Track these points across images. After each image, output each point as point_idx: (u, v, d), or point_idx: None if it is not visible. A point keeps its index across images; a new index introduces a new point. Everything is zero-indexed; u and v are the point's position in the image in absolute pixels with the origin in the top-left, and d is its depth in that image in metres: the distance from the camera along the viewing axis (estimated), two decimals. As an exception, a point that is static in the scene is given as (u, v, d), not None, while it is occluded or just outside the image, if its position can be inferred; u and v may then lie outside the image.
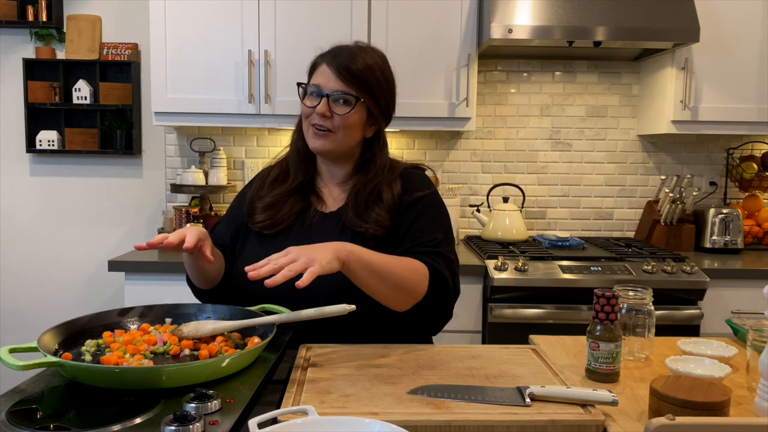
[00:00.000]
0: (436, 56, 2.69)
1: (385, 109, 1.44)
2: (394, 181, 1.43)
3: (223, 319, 1.25)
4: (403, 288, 1.26)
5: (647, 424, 0.83)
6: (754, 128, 2.78)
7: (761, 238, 2.98)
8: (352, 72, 1.37)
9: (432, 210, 1.43)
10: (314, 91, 1.38)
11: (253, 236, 1.45)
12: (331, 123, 1.37)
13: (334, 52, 1.40)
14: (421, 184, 1.46)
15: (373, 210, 1.39)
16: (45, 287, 3.14)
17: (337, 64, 1.37)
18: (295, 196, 1.45)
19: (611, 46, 2.70)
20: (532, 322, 2.39)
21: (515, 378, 1.09)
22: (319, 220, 1.43)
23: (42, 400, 0.93)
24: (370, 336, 1.33)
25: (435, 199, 1.46)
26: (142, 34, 2.99)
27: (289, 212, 1.43)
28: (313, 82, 1.39)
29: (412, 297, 1.28)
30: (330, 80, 1.37)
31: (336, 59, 1.38)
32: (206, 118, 2.72)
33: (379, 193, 1.40)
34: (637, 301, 1.24)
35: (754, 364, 1.07)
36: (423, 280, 1.29)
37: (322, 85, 1.37)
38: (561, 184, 3.13)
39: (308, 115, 1.39)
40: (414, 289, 1.28)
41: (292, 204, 1.44)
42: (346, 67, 1.37)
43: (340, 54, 1.39)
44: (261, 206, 1.45)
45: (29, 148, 3.01)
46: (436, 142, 3.10)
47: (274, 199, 1.44)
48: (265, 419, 0.84)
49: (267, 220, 1.42)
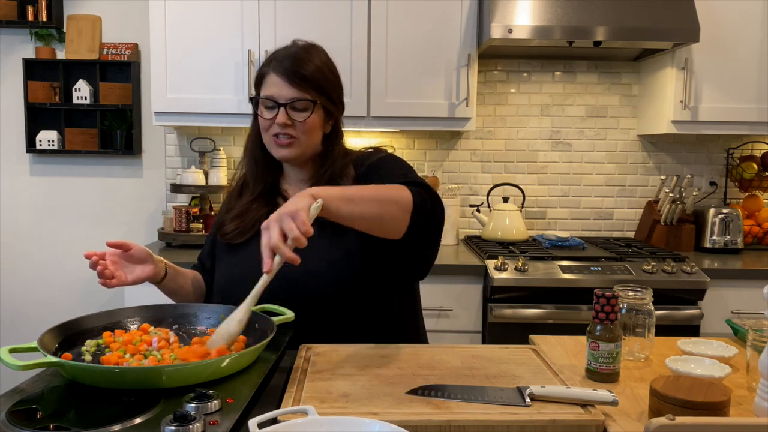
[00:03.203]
0: (436, 56, 2.69)
1: (339, 103, 1.44)
2: (347, 167, 1.41)
3: (223, 318, 1.25)
4: (390, 200, 1.18)
5: (647, 424, 0.83)
6: (754, 128, 2.78)
7: (761, 238, 2.98)
8: (302, 76, 1.35)
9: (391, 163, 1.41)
10: (269, 102, 1.36)
11: (224, 249, 1.45)
12: (293, 130, 1.36)
13: (279, 57, 1.38)
14: (375, 153, 1.45)
15: None
16: (45, 287, 3.14)
17: (285, 70, 1.35)
18: (259, 201, 1.45)
19: (611, 46, 2.70)
20: (532, 322, 2.39)
21: (515, 378, 1.09)
22: None
23: (42, 400, 0.93)
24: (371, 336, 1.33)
25: (391, 157, 1.44)
26: (142, 34, 2.99)
27: (255, 217, 1.41)
28: (266, 93, 1.37)
29: (403, 208, 1.19)
30: (283, 89, 1.35)
31: (282, 65, 1.36)
32: (206, 118, 2.72)
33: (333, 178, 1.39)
34: (637, 301, 1.24)
35: (754, 364, 1.07)
36: (402, 189, 1.21)
37: (276, 95, 1.35)
38: (561, 184, 3.13)
39: (268, 127, 1.37)
40: (399, 198, 1.19)
41: (257, 209, 1.43)
42: (296, 72, 1.35)
43: (286, 59, 1.37)
44: (229, 218, 1.45)
45: (29, 148, 3.01)
46: (436, 142, 3.10)
47: (239, 210, 1.45)
48: (265, 419, 0.84)
49: (235, 229, 1.42)
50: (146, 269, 1.33)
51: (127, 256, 1.31)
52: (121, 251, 1.30)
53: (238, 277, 1.36)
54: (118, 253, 1.30)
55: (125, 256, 1.31)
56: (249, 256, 1.36)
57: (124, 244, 1.30)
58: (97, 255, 1.26)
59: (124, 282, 1.28)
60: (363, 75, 2.66)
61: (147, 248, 1.34)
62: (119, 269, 1.29)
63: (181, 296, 1.46)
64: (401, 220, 1.20)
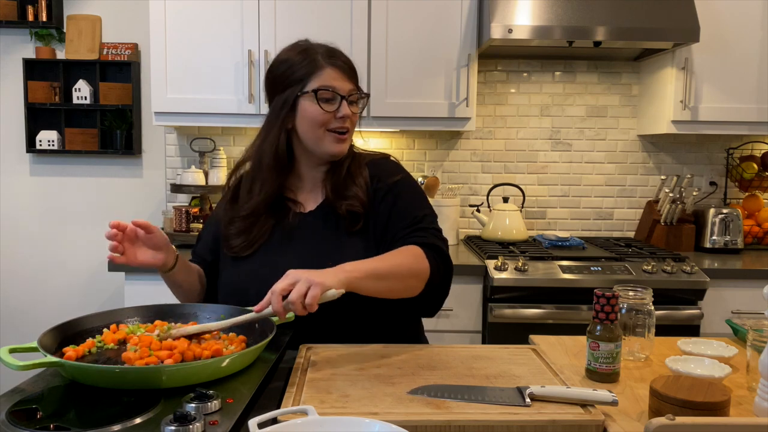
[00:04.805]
0: (436, 56, 2.69)
1: None
2: (362, 166, 1.43)
3: (223, 318, 1.25)
4: (411, 275, 1.26)
5: (647, 424, 0.83)
6: (754, 128, 2.78)
7: (761, 238, 2.98)
8: (354, 69, 1.39)
9: (408, 191, 1.42)
10: (328, 94, 1.34)
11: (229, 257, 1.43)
12: (349, 124, 1.37)
13: (329, 52, 1.38)
14: (392, 169, 1.45)
15: (350, 188, 1.38)
16: (45, 287, 3.14)
17: (341, 63, 1.37)
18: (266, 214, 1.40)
19: (611, 46, 2.70)
20: (532, 322, 2.39)
21: (515, 378, 1.09)
22: (301, 222, 1.41)
23: (42, 400, 0.93)
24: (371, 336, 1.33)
25: (409, 181, 1.46)
26: (142, 34, 2.99)
27: (262, 229, 1.40)
28: (326, 84, 1.34)
29: (421, 278, 1.28)
30: (343, 82, 1.36)
31: (338, 59, 1.37)
32: (206, 118, 2.72)
33: (352, 174, 1.40)
34: (637, 301, 1.24)
35: (754, 364, 1.07)
36: (422, 258, 1.28)
37: (339, 88, 1.35)
38: (561, 184, 3.13)
39: (326, 121, 1.35)
40: (419, 271, 1.27)
41: (264, 223, 1.40)
42: (351, 66, 1.38)
43: (334, 54, 1.38)
44: (234, 231, 1.41)
45: (29, 148, 3.01)
46: (436, 142, 3.10)
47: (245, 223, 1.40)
48: (265, 419, 0.84)
49: (242, 243, 1.40)
50: (158, 256, 1.32)
51: (146, 238, 1.30)
52: (143, 232, 1.29)
53: (243, 286, 1.36)
54: (140, 234, 1.29)
55: (144, 237, 1.30)
56: (253, 265, 1.37)
57: (148, 226, 1.29)
58: (119, 228, 1.25)
59: (132, 261, 1.27)
60: (363, 75, 2.64)
61: (167, 236, 1.33)
62: (131, 248, 1.28)
63: (185, 290, 1.43)
64: (417, 289, 1.29)
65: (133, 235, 1.28)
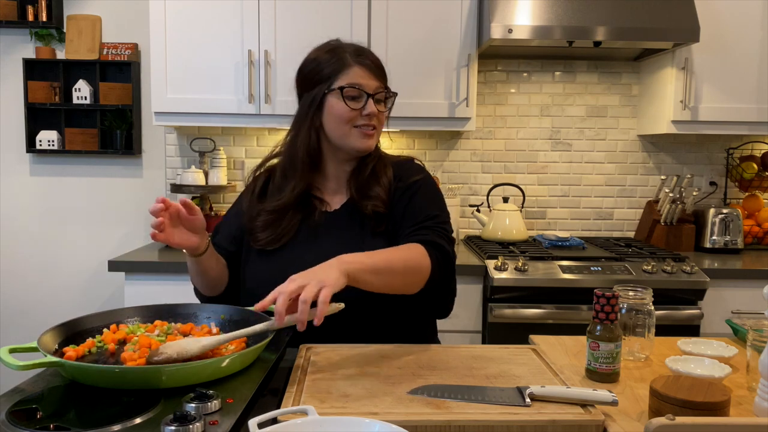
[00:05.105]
0: (436, 56, 2.69)
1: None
2: (387, 166, 1.46)
3: (223, 319, 1.25)
4: (411, 270, 1.25)
5: (647, 424, 0.83)
6: (754, 128, 2.78)
7: (761, 238, 2.98)
8: (382, 68, 1.41)
9: (425, 191, 1.44)
10: (354, 92, 1.37)
11: (254, 251, 1.43)
12: (376, 121, 1.40)
13: (357, 51, 1.40)
14: (414, 170, 1.48)
15: (373, 188, 1.41)
16: (45, 287, 3.14)
17: (370, 62, 1.39)
18: (294, 208, 1.43)
19: (611, 46, 2.70)
20: (532, 322, 2.39)
21: (515, 378, 1.09)
22: (326, 221, 1.43)
23: (42, 400, 0.93)
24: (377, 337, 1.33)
25: (428, 181, 1.47)
26: (142, 34, 2.99)
27: (289, 224, 1.41)
28: (353, 82, 1.37)
29: (421, 275, 1.27)
30: (370, 79, 1.38)
31: (365, 58, 1.39)
32: (206, 118, 2.72)
33: (377, 174, 1.43)
34: (637, 301, 1.24)
35: (754, 364, 1.07)
36: (423, 255, 1.28)
37: (365, 85, 1.37)
38: (561, 184, 3.13)
39: (352, 118, 1.37)
40: (419, 268, 1.27)
41: (292, 217, 1.42)
42: (378, 65, 1.40)
43: (362, 52, 1.40)
44: (260, 224, 1.42)
45: (29, 148, 3.01)
46: (436, 142, 3.10)
47: (271, 216, 1.42)
48: (265, 419, 0.84)
49: (269, 237, 1.41)
50: (193, 239, 1.31)
51: (187, 220, 1.29)
52: (185, 212, 1.28)
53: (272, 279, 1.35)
54: (182, 214, 1.27)
55: (185, 219, 1.29)
56: (280, 261, 1.38)
57: (192, 207, 1.28)
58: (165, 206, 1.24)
59: (169, 240, 1.26)
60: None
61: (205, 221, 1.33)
62: (170, 227, 1.27)
63: (210, 277, 1.42)
64: (417, 286, 1.29)
65: (175, 214, 1.27)
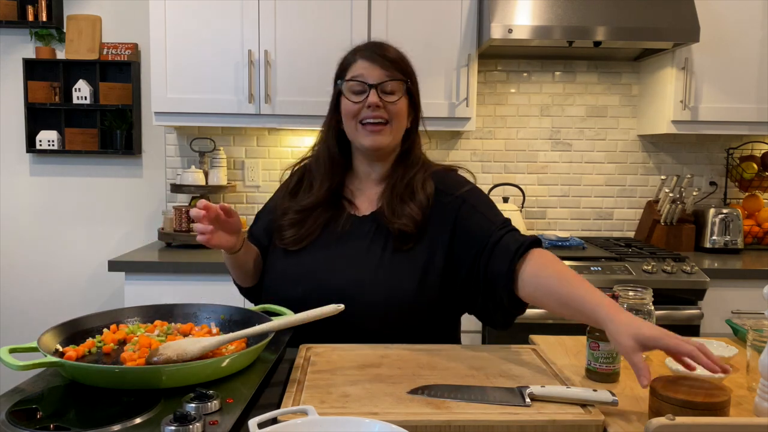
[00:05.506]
0: (436, 56, 2.69)
1: (418, 98, 1.45)
2: (427, 180, 1.41)
3: (223, 319, 1.25)
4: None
5: (647, 424, 0.83)
6: (754, 128, 2.78)
7: (761, 238, 2.98)
8: (390, 59, 1.36)
9: (482, 198, 1.43)
10: (357, 84, 1.34)
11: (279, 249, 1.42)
12: (384, 113, 1.35)
13: (367, 46, 1.39)
14: (459, 182, 1.44)
15: (407, 205, 1.35)
16: (45, 287, 3.14)
17: (372, 54, 1.36)
18: (322, 207, 1.40)
19: (611, 46, 2.70)
20: (532, 322, 2.38)
21: (515, 378, 1.09)
22: (352, 226, 1.39)
23: (42, 400, 0.93)
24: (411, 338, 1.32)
25: (479, 189, 1.45)
26: (142, 34, 2.99)
27: (314, 224, 1.39)
28: (355, 74, 1.35)
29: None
30: (372, 70, 1.34)
31: (368, 51, 1.37)
32: (206, 118, 2.72)
33: (413, 190, 1.37)
34: (637, 301, 1.24)
35: (754, 364, 1.07)
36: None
37: (366, 76, 1.34)
38: (561, 184, 3.13)
39: (356, 112, 1.35)
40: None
41: (318, 215, 1.40)
42: (383, 55, 1.36)
43: (372, 47, 1.38)
44: (287, 223, 1.41)
45: (29, 148, 3.01)
46: (436, 142, 3.10)
47: (298, 215, 1.40)
48: (265, 419, 0.84)
49: (293, 236, 1.39)
50: (230, 240, 1.32)
51: (225, 222, 1.30)
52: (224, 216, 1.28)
53: (295, 278, 1.35)
54: (221, 217, 1.28)
55: (223, 221, 1.29)
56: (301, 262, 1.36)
57: (230, 211, 1.29)
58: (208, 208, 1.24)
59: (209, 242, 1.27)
60: (363, 75, 2.66)
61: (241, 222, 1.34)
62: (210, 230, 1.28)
63: (244, 271, 1.43)
64: None
65: (214, 218, 1.27)
